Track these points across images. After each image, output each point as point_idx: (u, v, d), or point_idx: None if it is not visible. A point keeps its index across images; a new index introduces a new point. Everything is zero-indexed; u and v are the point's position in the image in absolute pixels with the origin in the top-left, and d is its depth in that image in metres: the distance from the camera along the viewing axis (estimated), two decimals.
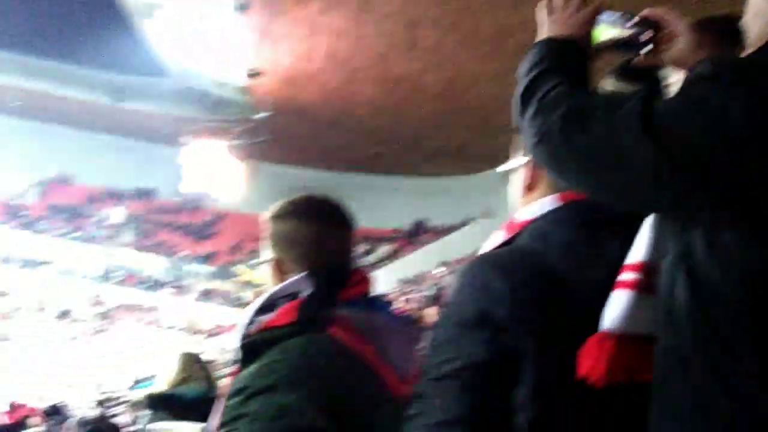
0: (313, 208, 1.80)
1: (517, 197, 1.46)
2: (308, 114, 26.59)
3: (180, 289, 36.39)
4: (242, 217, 35.73)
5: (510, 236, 1.34)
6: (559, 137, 1.17)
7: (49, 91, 32.92)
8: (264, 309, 1.67)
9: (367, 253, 29.61)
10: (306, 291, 1.67)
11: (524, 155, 1.46)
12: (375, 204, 28.11)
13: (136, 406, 12.57)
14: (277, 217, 1.79)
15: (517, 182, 1.48)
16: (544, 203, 1.37)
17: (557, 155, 1.19)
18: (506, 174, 1.53)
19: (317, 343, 1.60)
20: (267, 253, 1.79)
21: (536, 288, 1.21)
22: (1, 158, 39.09)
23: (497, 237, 1.36)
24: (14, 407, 15.19)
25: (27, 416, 14.06)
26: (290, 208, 1.79)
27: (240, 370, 1.60)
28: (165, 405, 3.01)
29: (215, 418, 1.62)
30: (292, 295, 1.67)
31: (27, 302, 34.65)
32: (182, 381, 3.27)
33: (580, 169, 1.18)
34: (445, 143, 26.89)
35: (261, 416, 1.47)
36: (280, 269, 1.76)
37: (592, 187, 1.20)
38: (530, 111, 1.23)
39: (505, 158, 1.52)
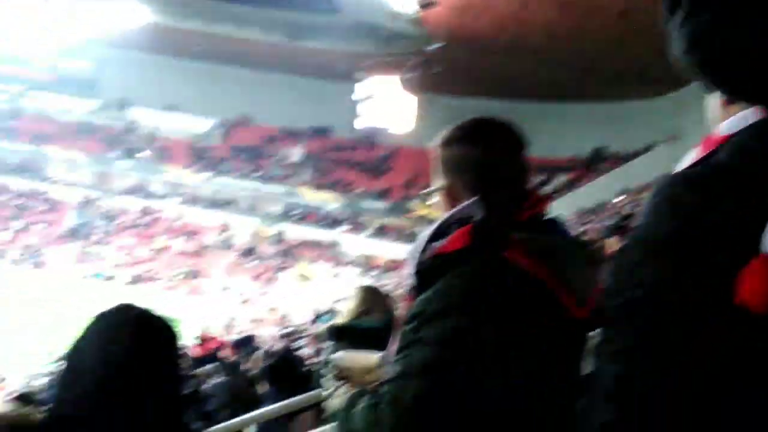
0: (482, 132, 1.76)
1: (716, 112, 1.30)
2: (482, 43, 25.79)
3: (356, 225, 36.99)
4: (416, 151, 35.52)
5: (707, 153, 1.19)
6: (711, 40, 1.08)
7: (229, 34, 33.80)
8: (437, 235, 1.65)
9: (544, 183, 28.75)
10: (478, 215, 1.64)
11: None
12: (552, 132, 27.08)
13: (318, 338, 12.67)
14: (447, 142, 1.76)
15: (715, 95, 1.30)
16: (745, 116, 1.20)
17: (710, 60, 1.10)
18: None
19: (491, 267, 1.57)
20: (438, 180, 1.78)
21: (734, 207, 1.07)
22: (185, 101, 40.93)
23: (692, 155, 1.22)
24: (205, 339, 15.71)
25: (217, 348, 14.48)
26: (459, 133, 1.76)
27: (415, 297, 1.61)
28: (346, 336, 2.90)
29: (393, 345, 1.65)
30: (465, 220, 1.65)
31: (214, 241, 36.37)
32: (362, 313, 3.37)
33: (738, 74, 1.09)
34: (627, 66, 25.25)
35: (434, 341, 1.51)
36: (452, 196, 1.74)
37: (755, 95, 1.11)
38: (680, 12, 1.13)
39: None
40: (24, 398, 3.91)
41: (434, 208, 1.81)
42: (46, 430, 1.76)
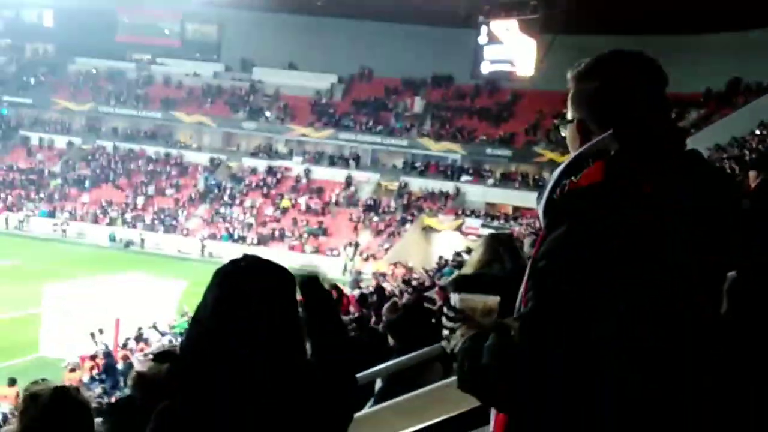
0: (617, 64, 1.67)
1: None
2: None
3: (480, 174, 36.47)
4: (540, 94, 34.57)
5: None
6: None
7: None
8: (571, 171, 1.60)
9: (676, 119, 27.50)
10: (613, 149, 1.59)
11: None
12: (683, 66, 25.71)
13: (444, 289, 12.43)
14: (580, 75, 1.68)
15: None
16: None
17: None
18: None
19: (625, 202, 1.50)
20: (571, 113, 1.71)
21: None
22: (305, 59, 41.31)
23: None
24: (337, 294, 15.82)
25: (348, 303, 14.56)
26: (593, 66, 1.67)
27: (548, 234, 1.55)
28: (471, 287, 2.51)
29: (521, 289, 1.61)
30: (600, 155, 1.59)
31: (337, 198, 36.65)
32: (488, 263, 3.27)
33: None
34: None
35: (565, 279, 1.48)
36: (584, 130, 1.67)
37: None
38: None
39: None
40: (161, 356, 3.93)
41: (567, 141, 1.73)
42: (169, 380, 1.95)
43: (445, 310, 1.83)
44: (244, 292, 1.77)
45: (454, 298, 1.84)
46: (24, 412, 2.58)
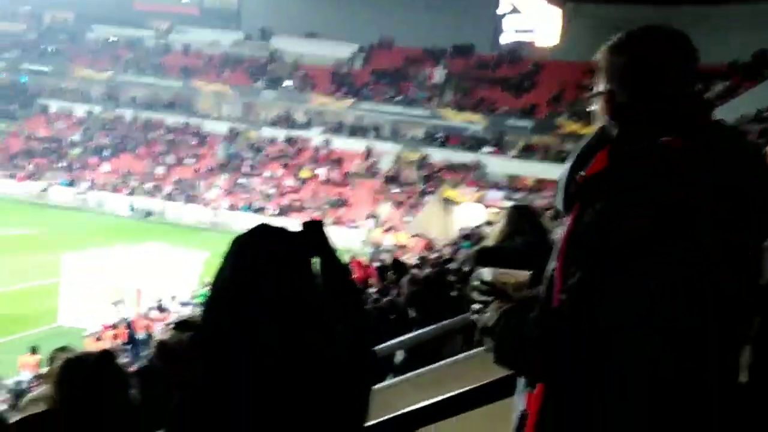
0: (652, 40, 1.67)
1: None
2: None
3: (501, 145, 36.19)
4: (562, 65, 34.21)
5: None
6: None
7: None
8: (583, 157, 1.67)
9: (702, 91, 27.04)
10: (614, 134, 1.66)
11: None
12: (708, 37, 25.18)
13: (465, 261, 12.34)
14: (613, 49, 1.70)
15: None
16: None
17: None
18: None
19: (653, 181, 1.50)
20: (600, 86, 1.72)
21: None
22: (325, 27, 41.04)
23: None
24: (359, 266, 15.79)
25: (368, 275, 14.56)
26: (627, 40, 1.69)
27: (575, 219, 1.58)
28: (492, 259, 2.98)
29: (551, 264, 1.64)
30: (602, 143, 1.65)
31: (358, 169, 36.53)
32: (509, 235, 3.29)
33: None
34: None
35: (585, 265, 1.50)
36: (612, 102, 1.69)
37: None
38: None
39: None
40: (182, 326, 3.94)
41: (596, 112, 1.75)
42: (190, 348, 2.03)
43: (476, 284, 1.82)
44: (259, 260, 1.78)
45: (487, 273, 1.87)
46: (65, 379, 2.55)
